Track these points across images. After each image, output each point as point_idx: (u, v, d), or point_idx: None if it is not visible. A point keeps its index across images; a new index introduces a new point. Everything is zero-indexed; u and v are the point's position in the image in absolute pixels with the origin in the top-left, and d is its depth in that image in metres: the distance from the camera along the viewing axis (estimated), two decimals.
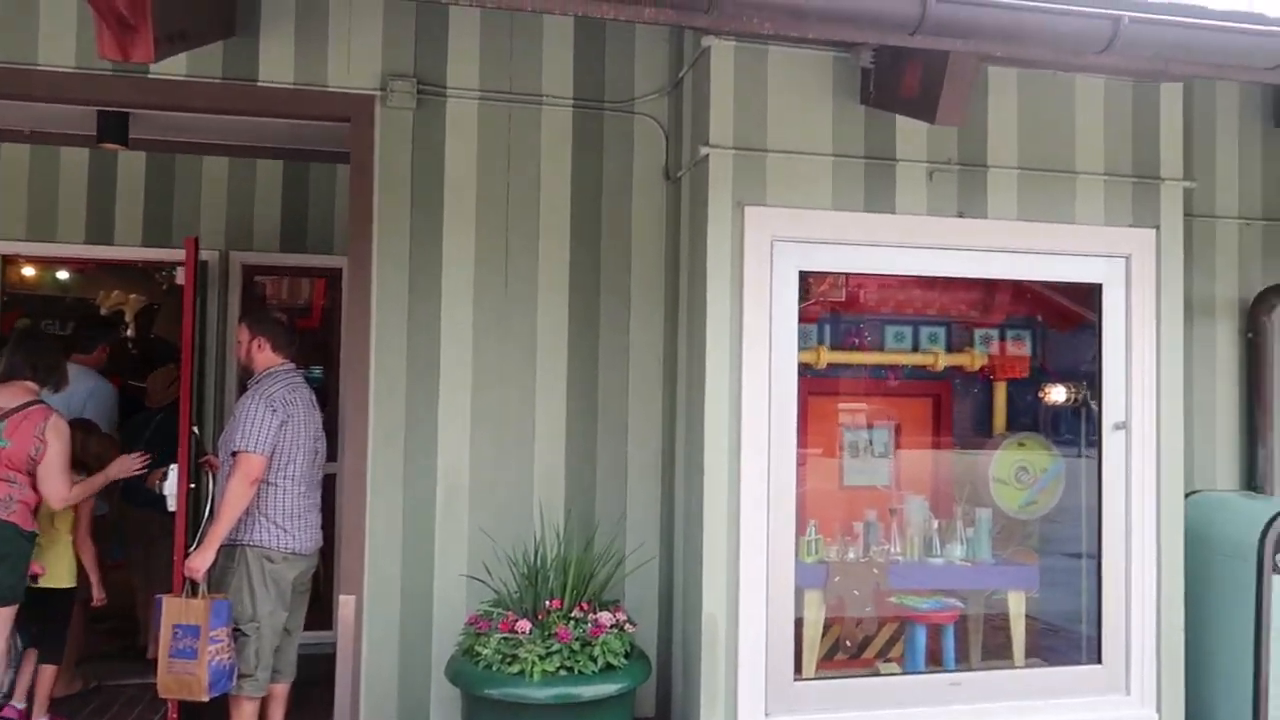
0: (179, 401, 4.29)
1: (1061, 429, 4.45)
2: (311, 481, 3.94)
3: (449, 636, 3.81)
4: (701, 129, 3.74)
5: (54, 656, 4.33)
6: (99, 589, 4.46)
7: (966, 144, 3.89)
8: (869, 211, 3.78)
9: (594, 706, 3.38)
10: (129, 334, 7.52)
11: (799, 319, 3.74)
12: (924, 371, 4.46)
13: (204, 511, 3.93)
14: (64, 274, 7.19)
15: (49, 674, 4.29)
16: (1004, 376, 4.51)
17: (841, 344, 4.36)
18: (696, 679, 3.61)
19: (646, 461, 4.19)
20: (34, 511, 3.97)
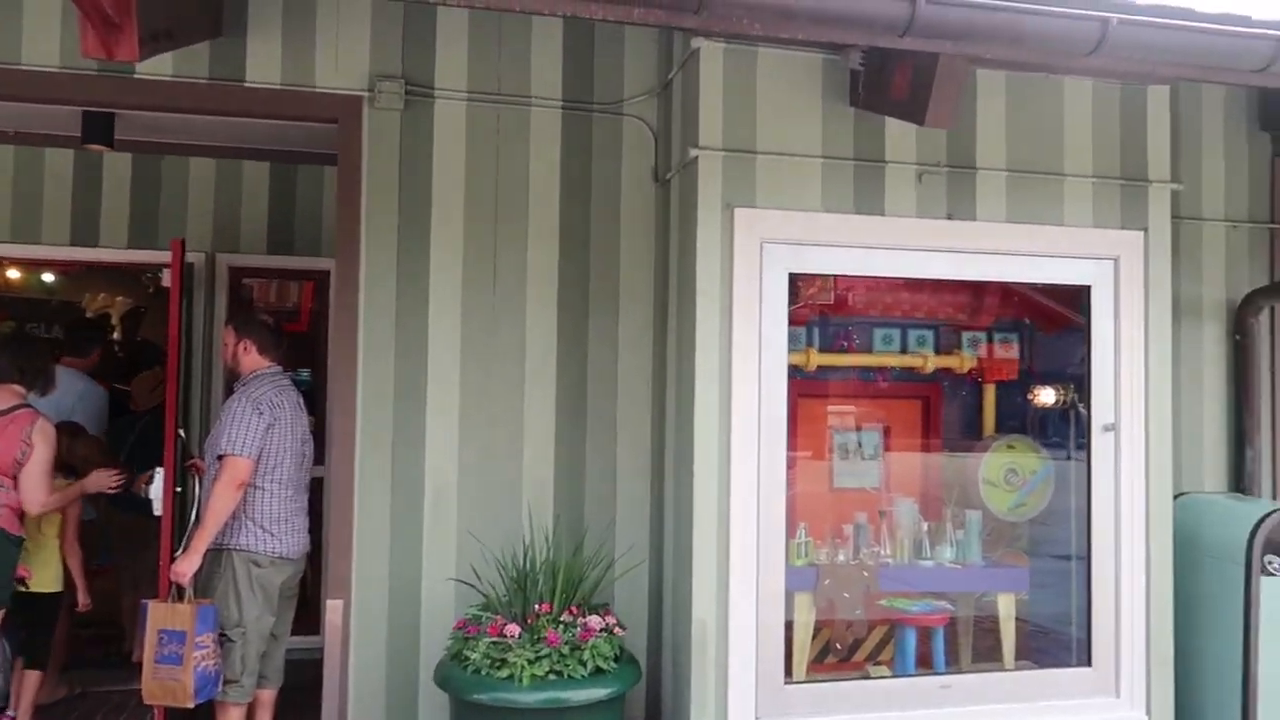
0: (164, 405, 4.26)
1: (1050, 431, 4.46)
2: (298, 485, 3.92)
3: (437, 641, 3.78)
4: (691, 131, 3.73)
5: (39, 662, 4.29)
6: (84, 594, 4.43)
7: (956, 146, 3.89)
8: (858, 213, 3.78)
9: (584, 711, 3.36)
10: (115, 337, 7.47)
11: (789, 322, 3.73)
12: (913, 374, 4.47)
13: (190, 515, 3.89)
14: (49, 276, 7.13)
15: (33, 680, 4.25)
16: (993, 379, 4.52)
17: (831, 346, 4.36)
18: (686, 682, 3.60)
19: (636, 463, 4.17)
20: (20, 515, 3.93)
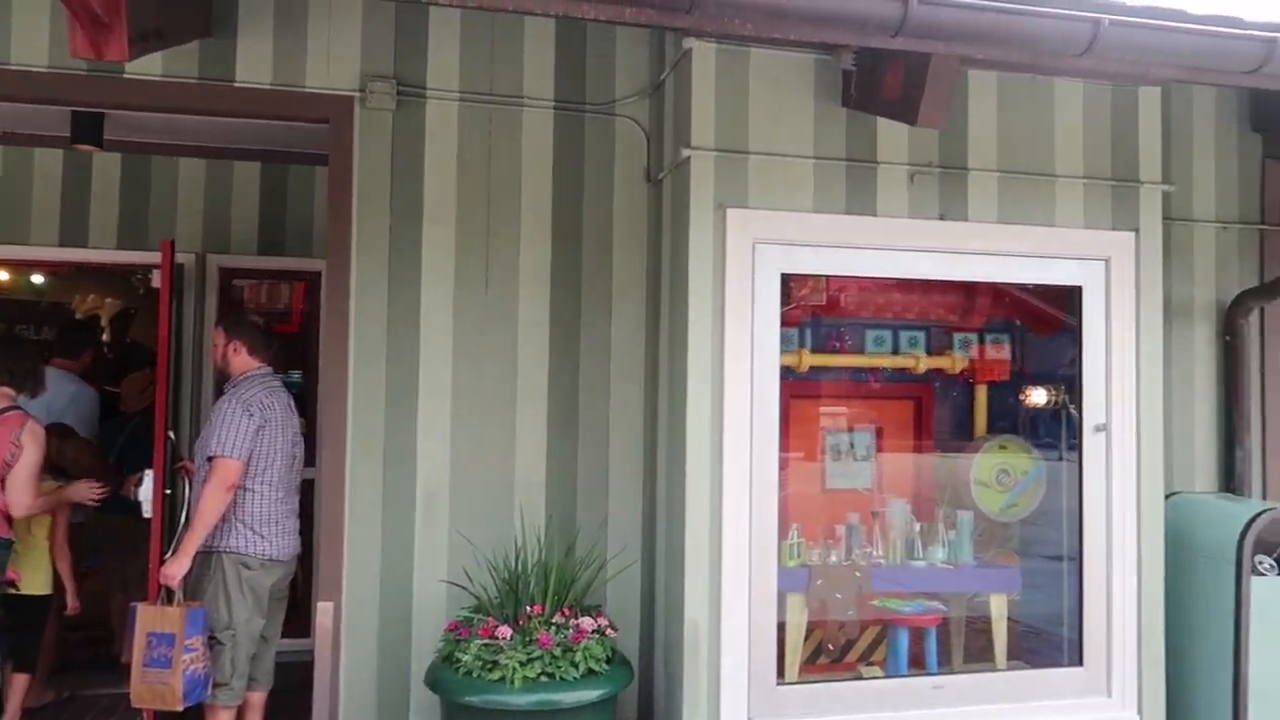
0: (154, 407, 4.24)
1: (1042, 432, 4.47)
2: (289, 487, 3.90)
3: (429, 643, 3.77)
4: (683, 131, 3.73)
5: (28, 665, 4.26)
6: (74, 597, 4.41)
7: (947, 147, 3.89)
8: (850, 214, 3.78)
9: (576, 712, 3.36)
10: (104, 338, 7.44)
11: (781, 323, 3.73)
12: (905, 374, 4.47)
13: (179, 518, 3.87)
14: (38, 278, 7.10)
15: (22, 683, 4.23)
16: (984, 379, 4.53)
17: (823, 347, 4.36)
18: (679, 684, 3.59)
19: (628, 465, 4.16)
20: (9, 518, 3.90)
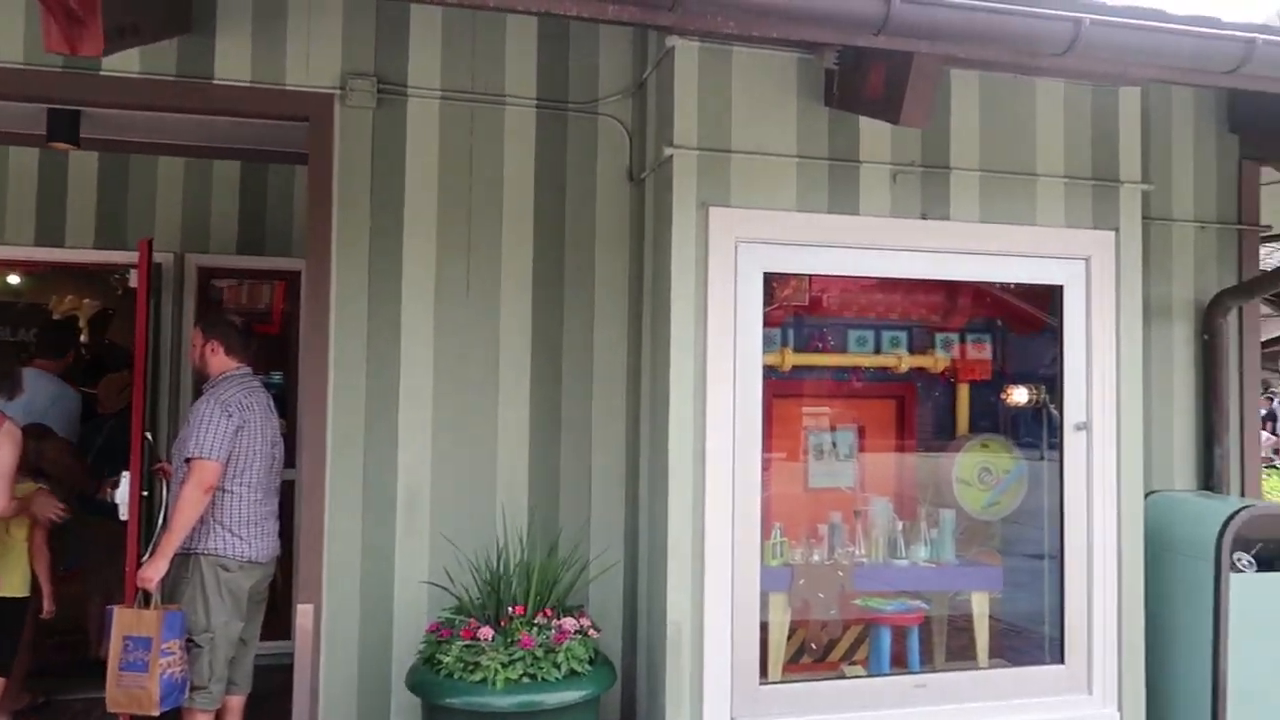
0: (132, 408, 4.19)
1: (1023, 430, 4.49)
2: (268, 488, 3.87)
3: (410, 645, 3.74)
4: (665, 130, 3.72)
5: (3, 669, 4.20)
6: (50, 600, 4.35)
7: (929, 146, 3.90)
8: (833, 213, 3.78)
9: (558, 713, 3.34)
10: (82, 339, 7.36)
11: (764, 322, 3.72)
12: (887, 374, 4.48)
13: (157, 520, 3.83)
14: (14, 278, 7.01)
15: None
16: (966, 379, 4.54)
17: (806, 347, 4.36)
18: (661, 684, 3.58)
19: (610, 465, 4.14)
20: None
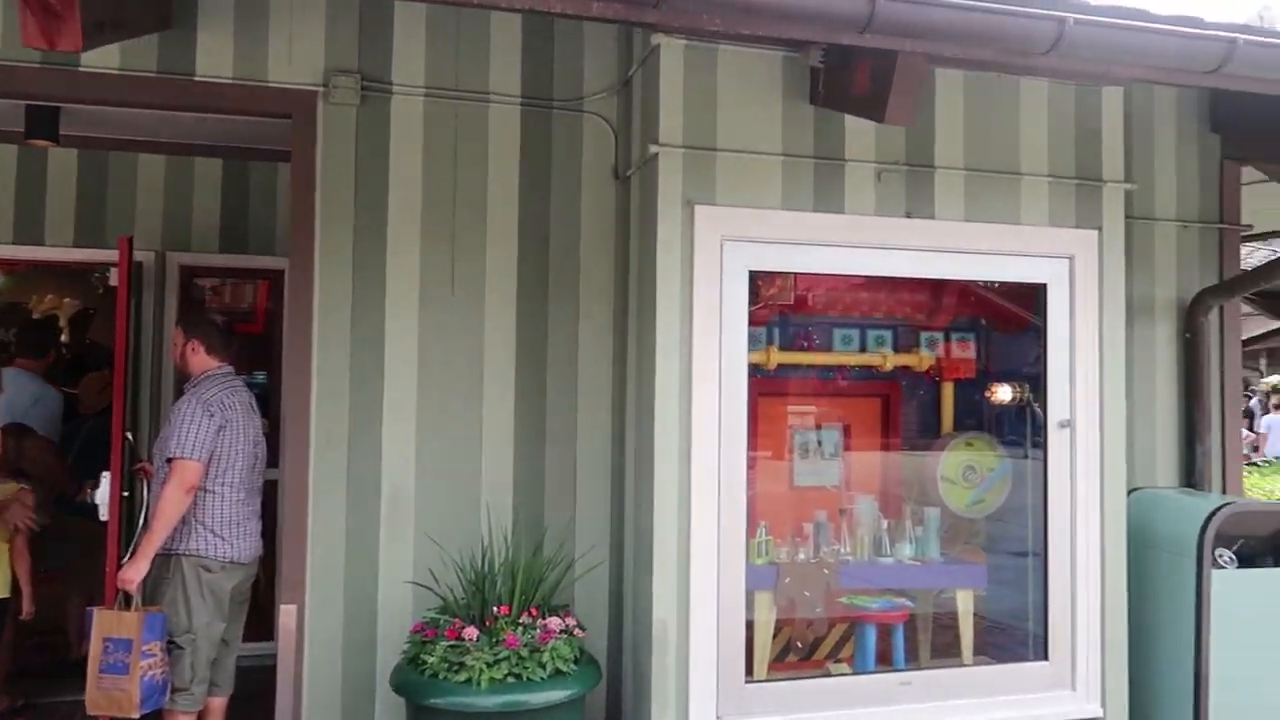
0: (112, 407, 4.15)
1: (1007, 429, 4.50)
2: (251, 488, 3.84)
3: (394, 646, 3.72)
4: (651, 128, 3.71)
5: None
6: (30, 602, 4.31)
7: (914, 145, 3.91)
8: (818, 211, 3.78)
9: (543, 713, 3.32)
10: (63, 339, 7.30)
11: (749, 321, 3.72)
12: (872, 372, 4.49)
13: (138, 520, 3.79)
14: None
15: None
16: (951, 377, 4.56)
17: (791, 345, 4.36)
18: (647, 683, 3.57)
19: (596, 464, 4.13)
20: None
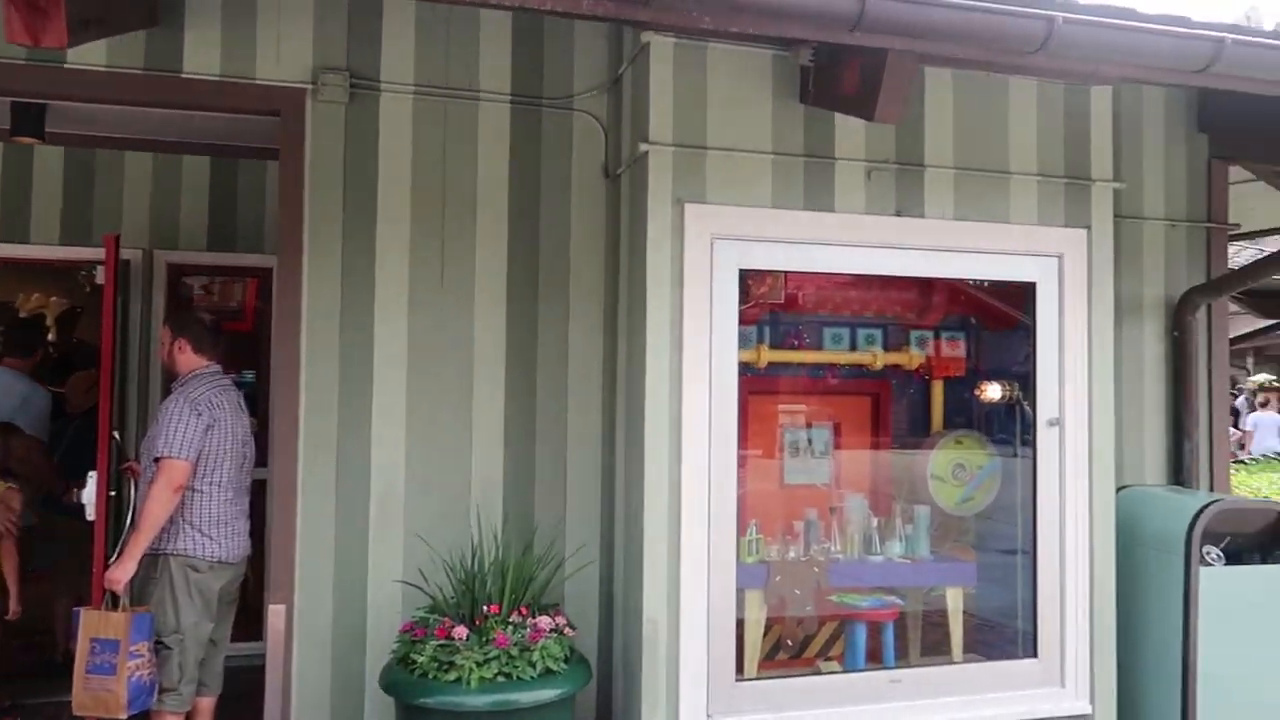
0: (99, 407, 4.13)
1: (997, 427, 4.51)
2: (239, 487, 3.82)
3: (384, 645, 3.70)
4: (641, 126, 3.70)
5: None
6: (16, 602, 4.29)
7: (904, 144, 3.91)
8: (808, 210, 3.78)
9: (533, 712, 3.31)
10: (50, 338, 7.25)
11: (740, 320, 3.71)
12: (863, 371, 4.49)
13: (125, 520, 3.77)
14: None
15: None
16: (941, 376, 4.56)
17: (782, 344, 4.37)
18: (637, 682, 3.57)
19: (586, 462, 4.13)
20: None
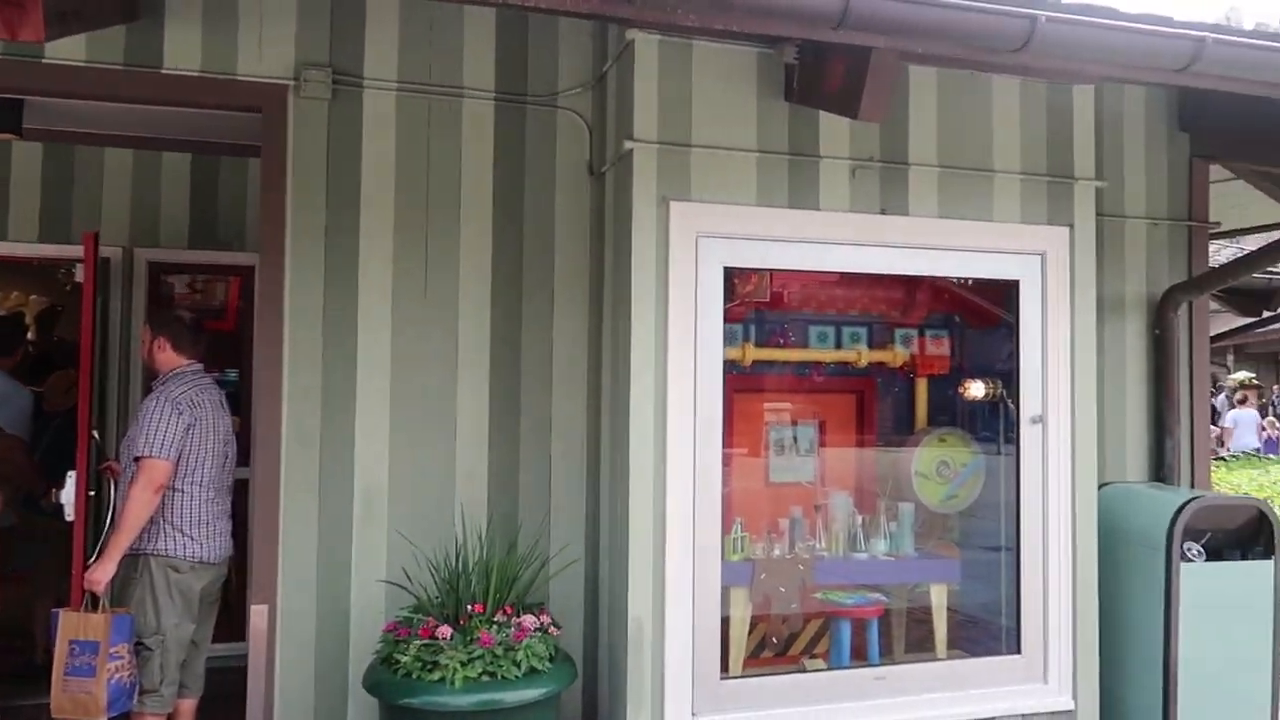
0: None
1: (980, 424, 4.53)
2: (220, 487, 3.79)
3: (367, 646, 3.68)
4: (625, 123, 3.69)
5: None
6: None
7: (888, 142, 3.92)
8: (793, 208, 3.78)
9: (518, 712, 3.30)
10: (29, 337, 7.18)
11: (725, 318, 3.71)
12: (847, 369, 4.50)
13: (105, 520, 3.73)
14: None
15: None
16: (925, 374, 4.57)
17: (767, 342, 4.37)
18: (623, 681, 3.56)
19: (571, 461, 4.12)
20: None
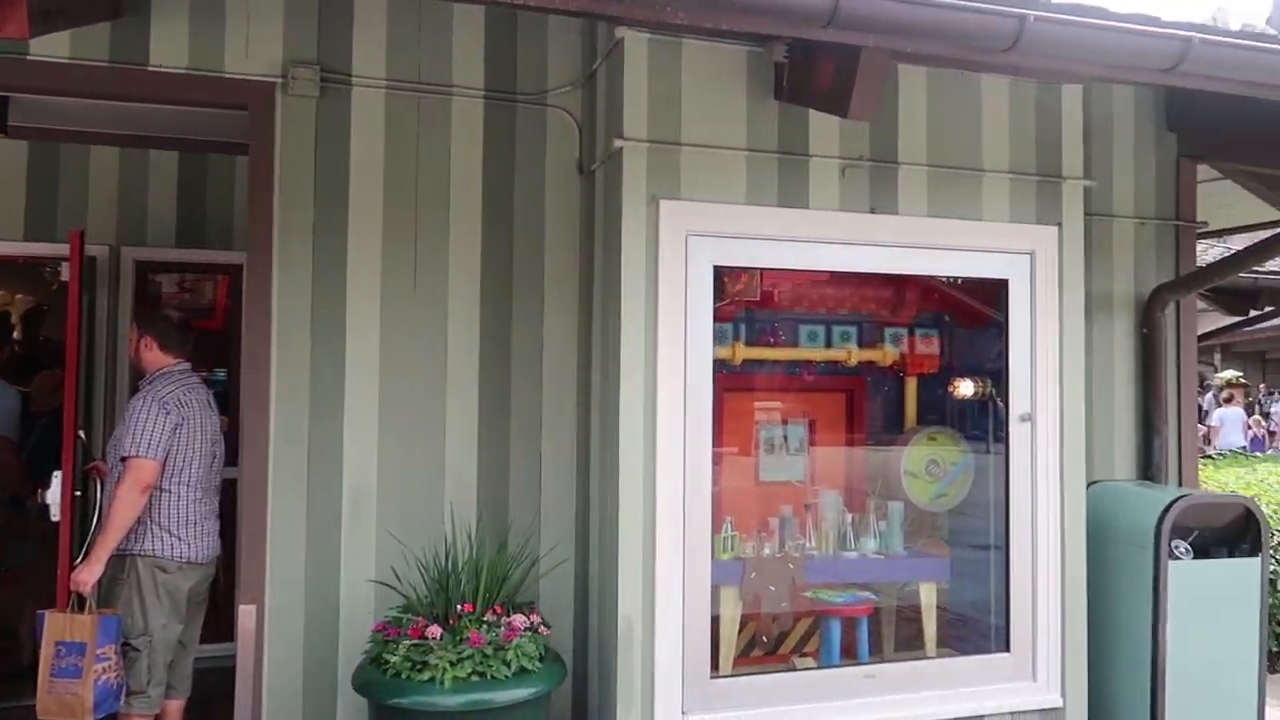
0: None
1: (970, 423, 4.55)
2: (208, 487, 3.77)
3: (357, 646, 3.67)
4: (615, 122, 3.68)
5: None
6: None
7: (878, 141, 3.92)
8: (782, 206, 3.78)
9: (508, 711, 3.30)
10: (15, 336, 7.14)
11: (715, 317, 3.71)
12: (837, 368, 4.51)
13: (92, 521, 3.71)
14: None
15: None
16: (914, 372, 4.59)
17: (757, 341, 4.37)
18: (613, 680, 3.56)
19: (561, 460, 4.11)
20: None
